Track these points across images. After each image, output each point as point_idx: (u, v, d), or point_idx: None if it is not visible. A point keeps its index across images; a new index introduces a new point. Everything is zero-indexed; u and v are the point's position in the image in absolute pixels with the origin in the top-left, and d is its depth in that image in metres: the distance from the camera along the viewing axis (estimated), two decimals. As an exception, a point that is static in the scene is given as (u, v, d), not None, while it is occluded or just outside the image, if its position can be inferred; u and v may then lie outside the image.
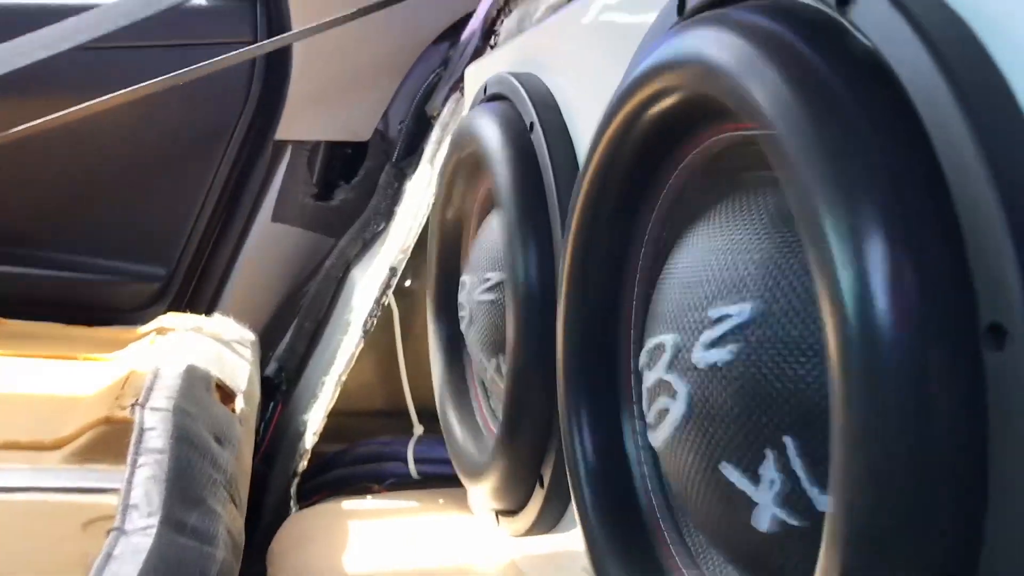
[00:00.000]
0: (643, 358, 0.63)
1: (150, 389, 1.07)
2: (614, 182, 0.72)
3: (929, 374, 0.42)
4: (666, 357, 0.58)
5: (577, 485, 0.78)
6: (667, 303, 0.62)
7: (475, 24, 1.44)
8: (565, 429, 0.80)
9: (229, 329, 1.45)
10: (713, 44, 0.54)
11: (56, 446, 1.00)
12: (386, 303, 1.44)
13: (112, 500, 0.89)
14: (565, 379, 0.79)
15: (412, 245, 1.43)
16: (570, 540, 0.95)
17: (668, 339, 0.59)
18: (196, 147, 1.67)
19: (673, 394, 0.57)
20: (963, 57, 0.44)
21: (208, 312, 1.61)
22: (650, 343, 0.63)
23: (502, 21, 1.34)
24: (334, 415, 1.48)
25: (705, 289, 0.57)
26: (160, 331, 1.36)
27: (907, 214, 0.43)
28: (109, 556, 0.79)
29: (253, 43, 1.60)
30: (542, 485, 0.96)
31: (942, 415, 0.41)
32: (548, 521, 0.98)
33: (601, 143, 0.72)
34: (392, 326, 1.53)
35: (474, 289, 1.03)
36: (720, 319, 0.54)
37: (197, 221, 1.68)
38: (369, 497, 1.42)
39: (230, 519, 0.93)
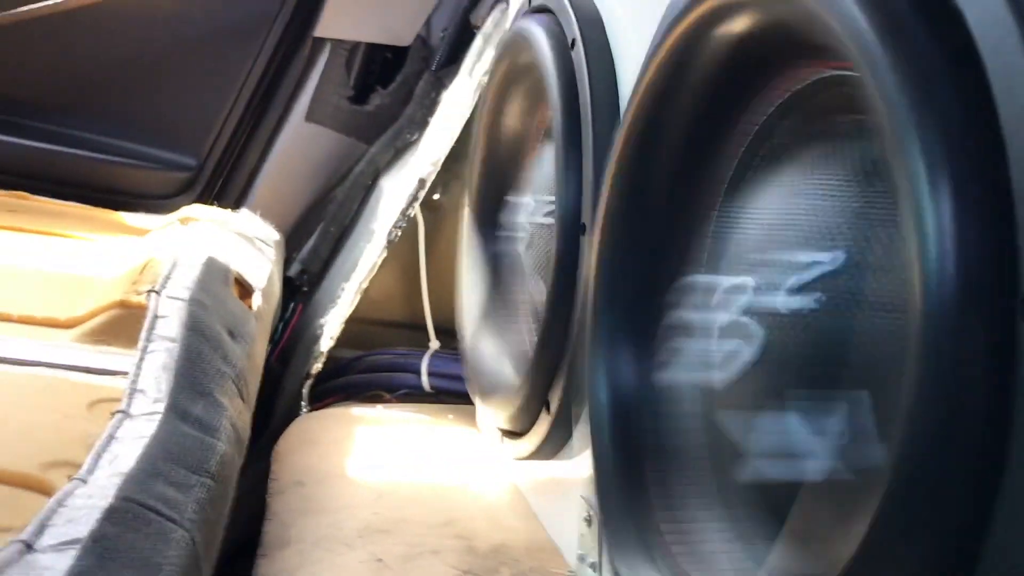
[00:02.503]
0: (715, 298, 0.60)
1: (167, 277, 1.06)
2: (670, 119, 0.68)
3: (974, 341, 0.39)
4: (742, 299, 0.56)
5: (599, 420, 0.75)
6: (745, 244, 0.59)
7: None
8: (591, 361, 0.77)
9: (253, 226, 1.44)
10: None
11: (69, 325, 1.00)
12: (412, 215, 1.42)
13: (119, 383, 0.89)
14: (594, 311, 0.76)
15: (443, 158, 1.40)
16: (570, 468, 0.95)
17: (746, 281, 0.56)
18: (234, 38, 1.63)
19: (748, 337, 0.55)
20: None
21: (235, 207, 1.59)
22: (723, 283, 0.60)
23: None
24: (353, 322, 1.48)
25: (793, 233, 0.54)
26: (184, 220, 1.35)
27: (973, 172, 0.40)
28: (111, 438, 0.79)
29: (298, -66, 1.56)
30: (548, 411, 0.95)
31: (979, 383, 0.39)
32: (551, 447, 0.98)
33: (652, 68, 0.68)
34: (417, 239, 1.52)
35: (535, 211, 1.01)
36: (809, 265, 0.51)
37: (230, 114, 1.65)
38: (379, 406, 1.43)
39: (236, 413, 0.93)
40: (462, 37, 1.60)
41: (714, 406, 0.65)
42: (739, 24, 0.58)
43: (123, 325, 1.00)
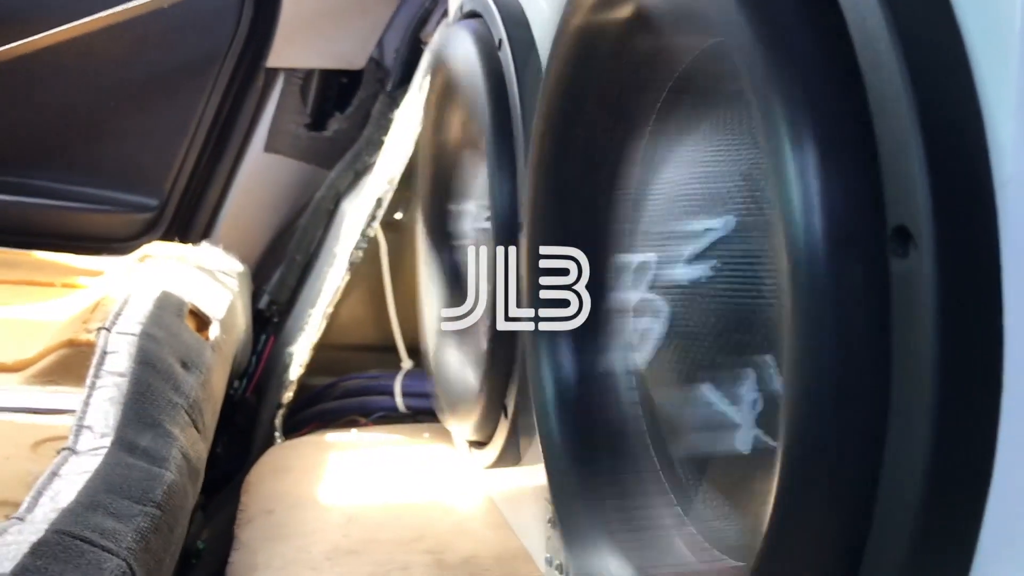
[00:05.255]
0: (626, 278, 0.59)
1: (118, 314, 1.05)
2: (579, 102, 0.68)
3: (845, 285, 0.38)
4: (648, 275, 0.55)
5: (544, 412, 0.74)
6: (650, 220, 0.58)
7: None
8: (532, 354, 0.76)
9: (214, 258, 1.43)
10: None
11: (17, 368, 0.99)
12: (373, 235, 1.41)
13: (67, 421, 0.87)
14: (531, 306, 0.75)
15: (399, 176, 1.39)
16: (535, 472, 0.93)
17: (651, 256, 0.55)
18: (187, 75, 1.63)
19: (656, 313, 0.54)
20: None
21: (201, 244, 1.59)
22: (632, 261, 0.59)
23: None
24: (324, 349, 1.47)
25: (688, 204, 0.53)
26: (142, 259, 1.34)
27: (824, 117, 0.40)
28: (54, 475, 0.78)
29: (243, -35, 1.56)
30: (506, 415, 0.93)
31: (855, 330, 0.38)
32: (513, 452, 0.96)
33: (556, 58, 0.68)
34: (381, 260, 1.50)
35: (477, 217, 1.00)
36: (702, 233, 0.50)
37: (189, 151, 1.65)
38: (354, 430, 1.41)
39: (188, 443, 0.92)
40: (414, 55, 1.60)
41: (642, 387, 0.64)
42: (624, 10, 0.57)
43: (73, 364, 0.99)
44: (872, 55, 0.38)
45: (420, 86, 1.42)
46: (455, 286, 1.17)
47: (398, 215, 1.54)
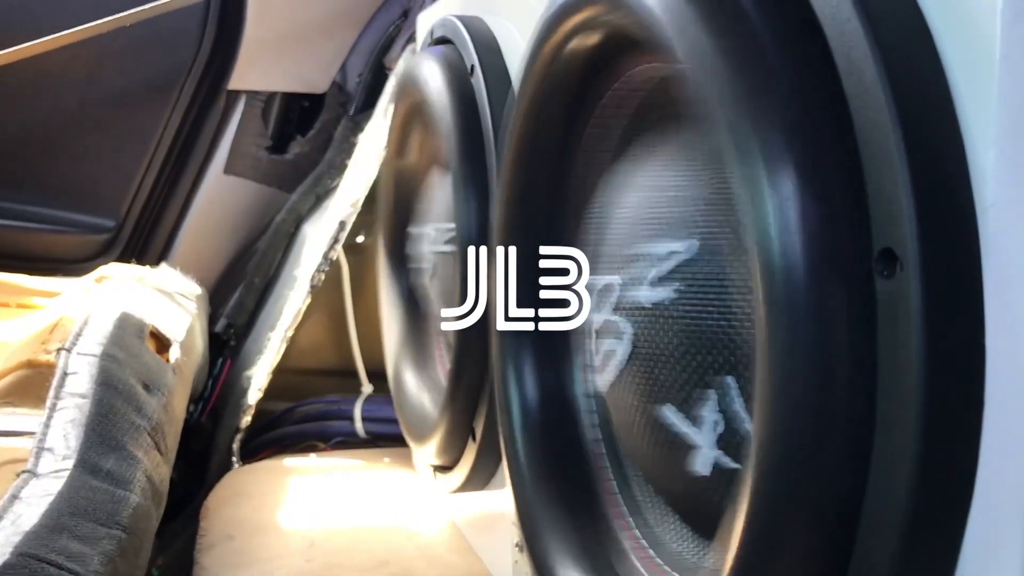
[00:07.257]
0: (591, 300, 0.60)
1: (78, 335, 1.03)
2: (541, 125, 0.69)
3: (829, 305, 0.39)
4: (612, 297, 0.56)
5: (510, 435, 0.75)
6: (616, 242, 0.59)
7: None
8: (499, 377, 0.77)
9: (173, 280, 1.41)
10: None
11: (-26, 389, 0.96)
12: (335, 258, 1.41)
13: (27, 444, 0.85)
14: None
15: (362, 199, 1.39)
16: (502, 496, 0.93)
17: (614, 279, 0.56)
18: (147, 95, 1.62)
19: (619, 335, 0.55)
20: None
21: (157, 266, 1.57)
22: (596, 283, 0.60)
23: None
24: (283, 373, 1.45)
25: (653, 227, 0.54)
26: (99, 280, 1.32)
27: (809, 143, 0.41)
28: (15, 498, 0.76)
29: (207, -13, 1.56)
30: (474, 439, 0.93)
31: (840, 349, 0.39)
32: (481, 477, 0.96)
33: (526, 84, 0.70)
34: (342, 284, 1.50)
35: (436, 240, 1.00)
36: (666, 256, 0.51)
37: (147, 172, 1.63)
38: (313, 455, 1.40)
39: (152, 465, 0.91)
40: (378, 80, 1.61)
41: (603, 409, 0.65)
42: (592, 37, 0.59)
43: (32, 385, 0.97)
44: (857, 83, 0.39)
45: (385, 111, 1.43)
46: (410, 309, 1.17)
47: (360, 238, 1.54)
